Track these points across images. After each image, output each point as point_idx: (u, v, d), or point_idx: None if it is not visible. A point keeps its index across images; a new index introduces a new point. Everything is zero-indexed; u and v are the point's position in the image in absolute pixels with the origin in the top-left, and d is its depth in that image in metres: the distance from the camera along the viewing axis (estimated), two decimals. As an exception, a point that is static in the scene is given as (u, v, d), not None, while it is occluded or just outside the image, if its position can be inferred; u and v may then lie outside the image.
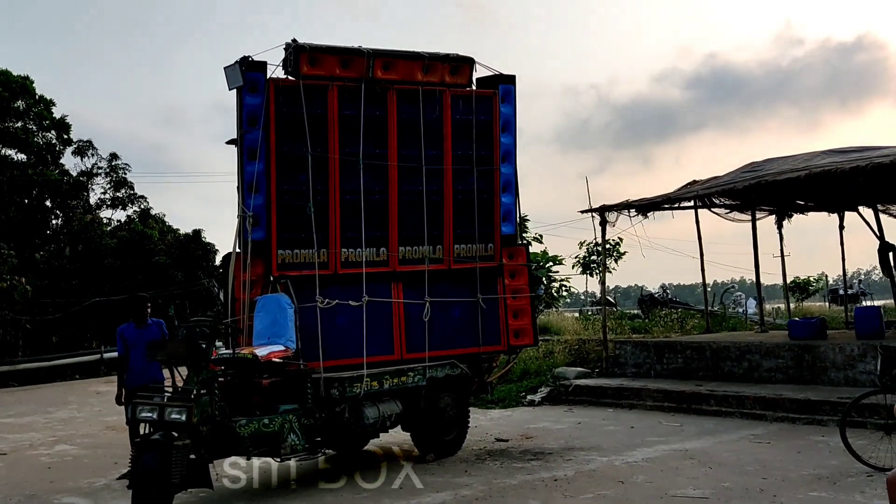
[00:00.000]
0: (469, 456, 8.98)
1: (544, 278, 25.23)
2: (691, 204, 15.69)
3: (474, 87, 9.43)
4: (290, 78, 8.35)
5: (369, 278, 8.58)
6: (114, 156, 29.21)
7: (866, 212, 16.07)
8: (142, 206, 29.55)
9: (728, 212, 16.43)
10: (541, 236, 27.21)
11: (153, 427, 6.74)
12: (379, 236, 8.76)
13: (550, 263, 26.50)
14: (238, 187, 8.26)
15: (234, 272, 8.06)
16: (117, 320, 9.91)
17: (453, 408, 9.10)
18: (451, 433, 9.03)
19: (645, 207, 14.61)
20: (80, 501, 7.53)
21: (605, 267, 19.92)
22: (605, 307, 17.55)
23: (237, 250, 8.12)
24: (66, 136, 28.31)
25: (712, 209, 16.17)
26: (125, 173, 29.39)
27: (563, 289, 28.42)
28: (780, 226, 17.42)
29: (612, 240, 24.33)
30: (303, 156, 8.31)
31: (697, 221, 16.36)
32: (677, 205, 15.36)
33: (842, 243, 17.46)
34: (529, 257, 10.51)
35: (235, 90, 8.09)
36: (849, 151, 13.37)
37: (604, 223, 14.74)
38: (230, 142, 8.43)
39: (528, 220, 25.62)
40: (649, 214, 14.83)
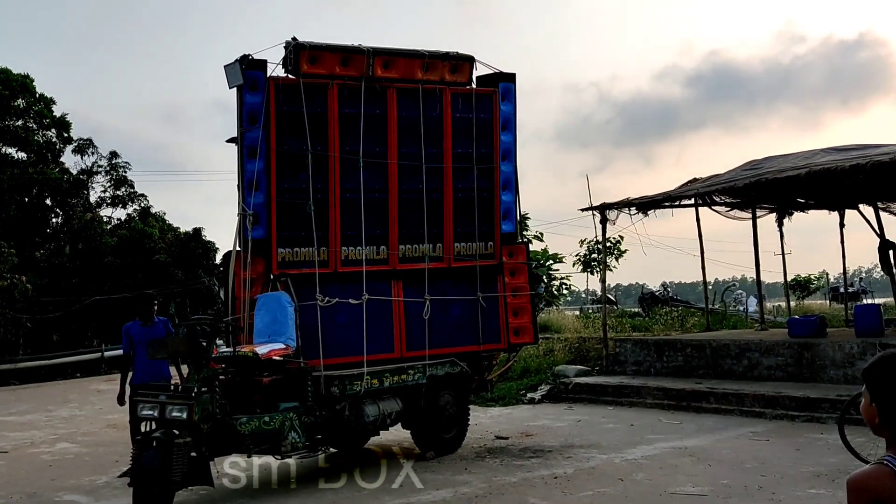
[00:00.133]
0: (469, 454, 9.00)
1: (545, 276, 25.23)
2: (692, 202, 15.69)
3: (474, 86, 9.44)
4: (291, 76, 8.36)
5: (369, 276, 8.60)
6: (114, 154, 29.21)
7: (867, 210, 16.08)
8: (142, 205, 29.54)
9: (729, 210, 16.43)
10: (541, 234, 27.23)
11: (154, 425, 6.76)
12: (379, 234, 8.78)
13: (551, 262, 26.49)
14: (238, 186, 8.27)
15: (234, 270, 8.08)
16: (118, 318, 9.96)
17: (453, 406, 9.12)
18: (451, 431, 9.05)
19: (645, 205, 14.63)
20: (82, 499, 7.55)
21: (605, 265, 19.94)
22: (606, 305, 17.55)
23: (237, 248, 8.14)
24: (66, 135, 28.32)
25: (713, 207, 16.17)
26: (125, 171, 29.39)
27: (563, 287, 28.42)
28: (780, 224, 17.41)
29: (613, 238, 24.38)
30: (303, 154, 8.32)
31: (698, 219, 16.38)
32: (678, 203, 15.36)
33: (842, 241, 17.48)
34: (529, 255, 10.52)
35: (235, 88, 8.11)
36: (849, 149, 13.37)
37: (604, 221, 14.76)
38: (230, 140, 8.45)
39: (528, 218, 25.64)
40: (650, 212, 14.84)
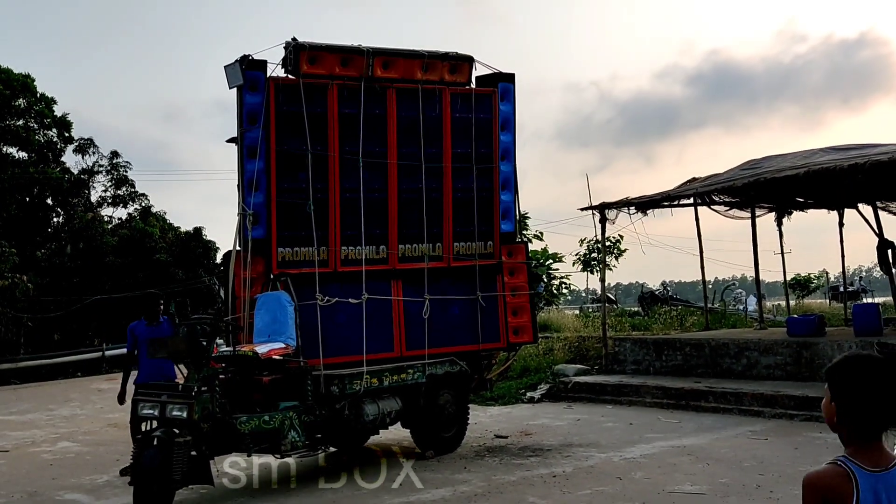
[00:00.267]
0: (468, 453, 9.03)
1: (544, 276, 25.24)
2: (691, 202, 15.71)
3: (473, 86, 9.47)
4: (290, 76, 8.38)
5: (369, 276, 8.62)
6: (115, 154, 29.22)
7: (865, 209, 16.10)
8: (143, 204, 29.56)
9: (728, 209, 16.45)
10: (541, 234, 27.20)
11: (155, 424, 6.79)
12: (379, 234, 8.80)
13: (550, 261, 26.48)
14: (238, 185, 8.30)
15: (234, 270, 8.11)
16: (119, 318, 9.97)
17: (453, 405, 9.15)
18: (450, 430, 9.08)
19: (644, 205, 14.65)
20: (83, 498, 7.58)
21: (604, 264, 19.94)
22: (605, 304, 17.58)
23: (237, 248, 8.16)
24: (67, 134, 28.34)
25: (712, 206, 16.20)
26: (126, 171, 29.40)
27: (562, 286, 28.41)
28: (779, 223, 17.43)
29: (613, 237, 24.39)
30: (303, 154, 8.35)
31: (697, 219, 16.40)
32: (677, 202, 15.39)
33: (841, 241, 17.51)
34: (529, 255, 10.55)
35: (235, 89, 8.13)
36: (848, 149, 13.39)
37: (603, 221, 14.79)
38: (230, 140, 8.47)
39: (528, 218, 25.60)
40: (649, 212, 14.87)
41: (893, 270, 15.31)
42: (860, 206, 16.19)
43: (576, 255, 29.24)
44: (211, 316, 7.49)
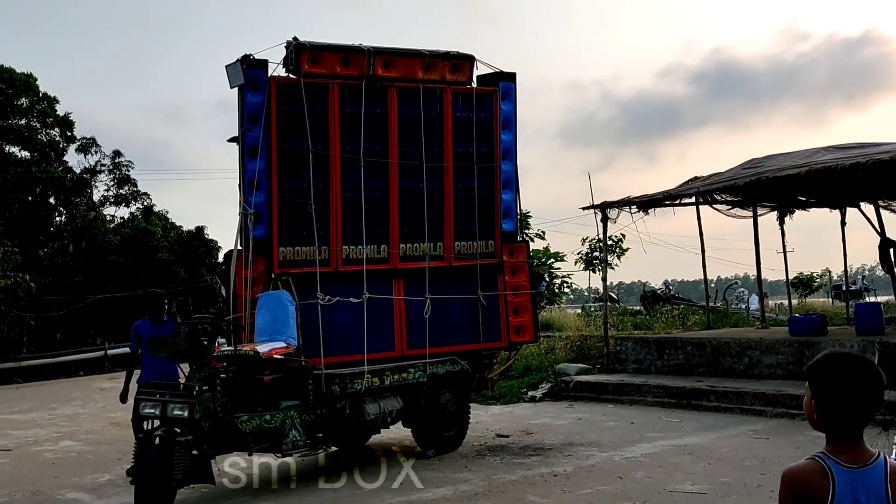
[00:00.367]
0: (469, 452, 9.03)
1: (546, 275, 25.24)
2: (692, 200, 15.70)
3: (475, 85, 9.47)
4: (291, 76, 8.39)
5: (370, 275, 8.63)
6: (117, 153, 29.26)
7: (867, 208, 16.09)
8: (145, 203, 29.60)
9: (730, 208, 16.43)
10: (543, 233, 27.23)
11: (156, 423, 6.80)
12: (380, 233, 8.81)
13: (552, 260, 26.50)
14: (239, 185, 8.30)
15: (235, 269, 8.12)
16: (121, 317, 9.98)
17: (454, 404, 9.15)
18: (451, 429, 9.09)
19: (646, 204, 14.65)
20: (84, 497, 7.59)
21: (605, 263, 19.93)
22: (607, 303, 17.57)
23: (239, 248, 8.17)
24: (69, 134, 28.39)
25: (713, 205, 16.18)
26: (128, 170, 29.45)
27: (564, 285, 28.42)
28: (781, 222, 17.42)
29: (615, 236, 24.40)
30: (304, 153, 8.35)
31: (699, 218, 16.40)
32: (678, 201, 15.38)
33: (843, 239, 17.50)
34: (530, 254, 10.55)
35: (237, 88, 8.14)
36: (850, 148, 13.38)
37: (605, 220, 14.79)
38: (231, 140, 8.48)
39: (530, 217, 25.65)
40: (651, 211, 14.86)
41: (895, 269, 15.29)
42: (862, 205, 16.18)
43: (578, 254, 29.25)
44: (212, 315, 7.50)
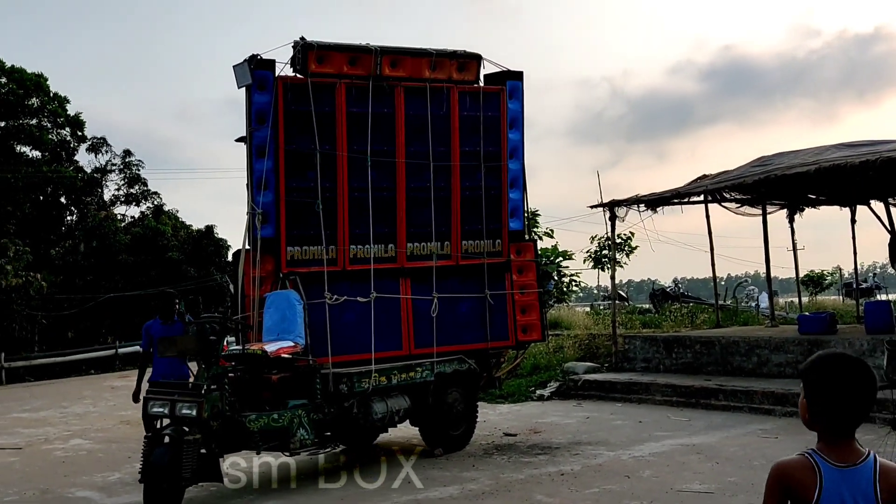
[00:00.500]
0: (477, 450, 9.04)
1: (554, 273, 25.20)
2: (701, 199, 15.64)
3: (482, 84, 9.46)
4: (299, 76, 8.41)
5: (377, 274, 8.65)
6: (127, 152, 29.47)
7: (877, 206, 15.98)
8: (155, 203, 29.81)
9: (739, 206, 16.35)
10: (552, 231, 27.17)
11: (166, 421, 6.85)
12: (387, 233, 8.83)
13: (560, 258, 26.46)
14: (247, 185, 8.33)
15: (243, 269, 8.15)
16: (132, 315, 10.03)
17: (461, 403, 9.16)
18: (459, 428, 9.09)
19: (654, 202, 14.60)
20: (94, 495, 7.65)
21: (614, 261, 19.88)
22: (616, 302, 17.54)
23: (247, 247, 8.21)
24: (80, 133, 28.60)
25: (722, 204, 16.11)
26: (139, 170, 29.65)
27: (573, 283, 28.38)
28: (791, 220, 17.33)
29: (624, 234, 24.33)
30: (311, 153, 8.38)
31: (708, 216, 16.34)
32: (687, 199, 15.31)
33: (853, 237, 17.38)
34: (537, 253, 10.55)
35: (244, 88, 8.16)
36: (860, 145, 13.29)
37: (614, 218, 14.75)
38: (239, 139, 8.51)
39: (538, 215, 25.59)
40: (659, 209, 14.82)
41: (906, 267, 15.20)
42: (872, 202, 16.07)
43: (586, 252, 29.20)
44: (220, 315, 7.54)
